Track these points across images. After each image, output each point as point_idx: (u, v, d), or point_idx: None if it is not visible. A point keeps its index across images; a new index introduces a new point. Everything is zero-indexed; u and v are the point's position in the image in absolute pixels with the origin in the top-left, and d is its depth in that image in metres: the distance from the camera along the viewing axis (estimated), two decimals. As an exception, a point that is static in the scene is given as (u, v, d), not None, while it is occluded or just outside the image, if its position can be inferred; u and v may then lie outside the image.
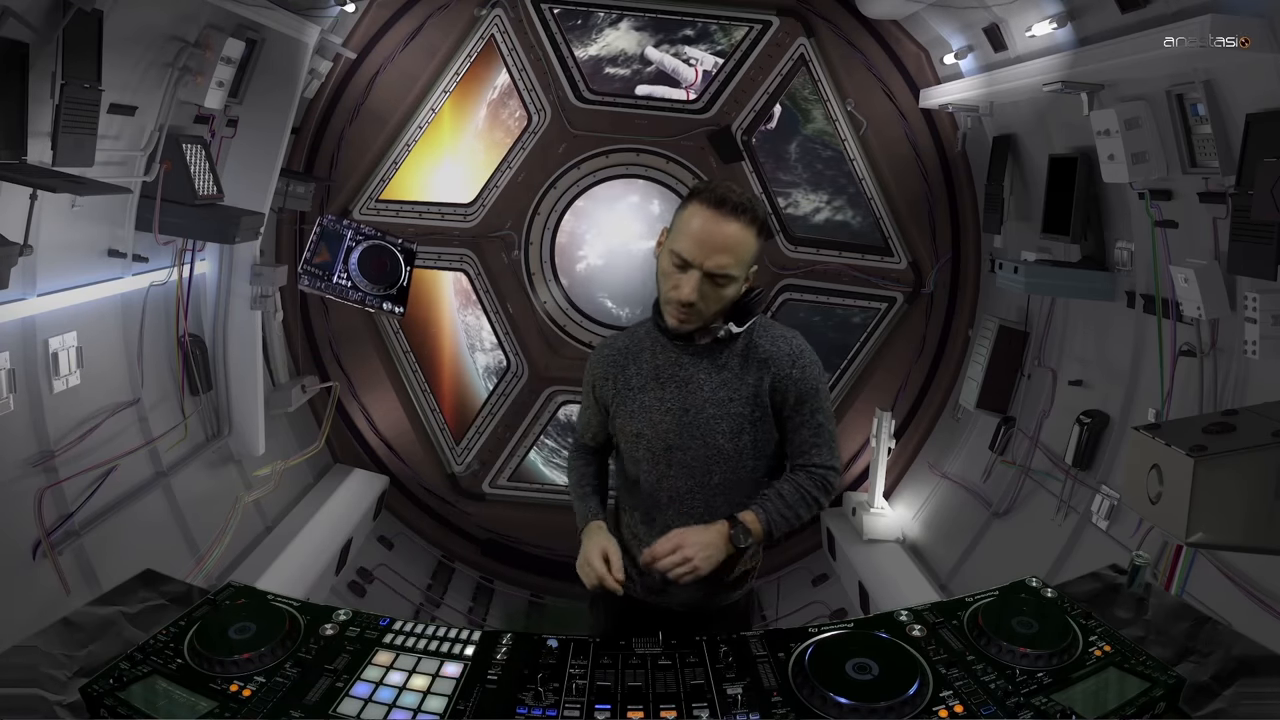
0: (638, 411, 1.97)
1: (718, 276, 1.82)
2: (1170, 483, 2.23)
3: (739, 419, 1.93)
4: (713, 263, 1.81)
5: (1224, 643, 1.42)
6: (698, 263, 1.81)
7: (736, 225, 1.82)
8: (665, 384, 1.96)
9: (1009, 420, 4.68)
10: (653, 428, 1.96)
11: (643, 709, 1.35)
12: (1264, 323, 2.80)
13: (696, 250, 1.80)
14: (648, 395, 1.97)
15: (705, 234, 1.80)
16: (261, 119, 4.25)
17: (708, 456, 1.94)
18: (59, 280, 3.22)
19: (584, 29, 5.54)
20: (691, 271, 1.82)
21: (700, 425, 1.93)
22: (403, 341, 5.76)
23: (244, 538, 4.35)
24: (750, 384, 1.94)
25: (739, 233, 1.82)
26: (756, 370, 1.94)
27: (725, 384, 1.93)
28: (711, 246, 1.80)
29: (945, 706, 1.28)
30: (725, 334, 1.92)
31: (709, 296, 1.84)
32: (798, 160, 5.69)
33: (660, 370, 1.97)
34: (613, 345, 2.08)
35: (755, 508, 1.91)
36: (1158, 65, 3.02)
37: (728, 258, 1.82)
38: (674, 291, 1.84)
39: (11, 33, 2.56)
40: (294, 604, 1.53)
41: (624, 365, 2.02)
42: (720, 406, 1.93)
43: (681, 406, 1.94)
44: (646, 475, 1.99)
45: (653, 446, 1.97)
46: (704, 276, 1.82)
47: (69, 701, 1.32)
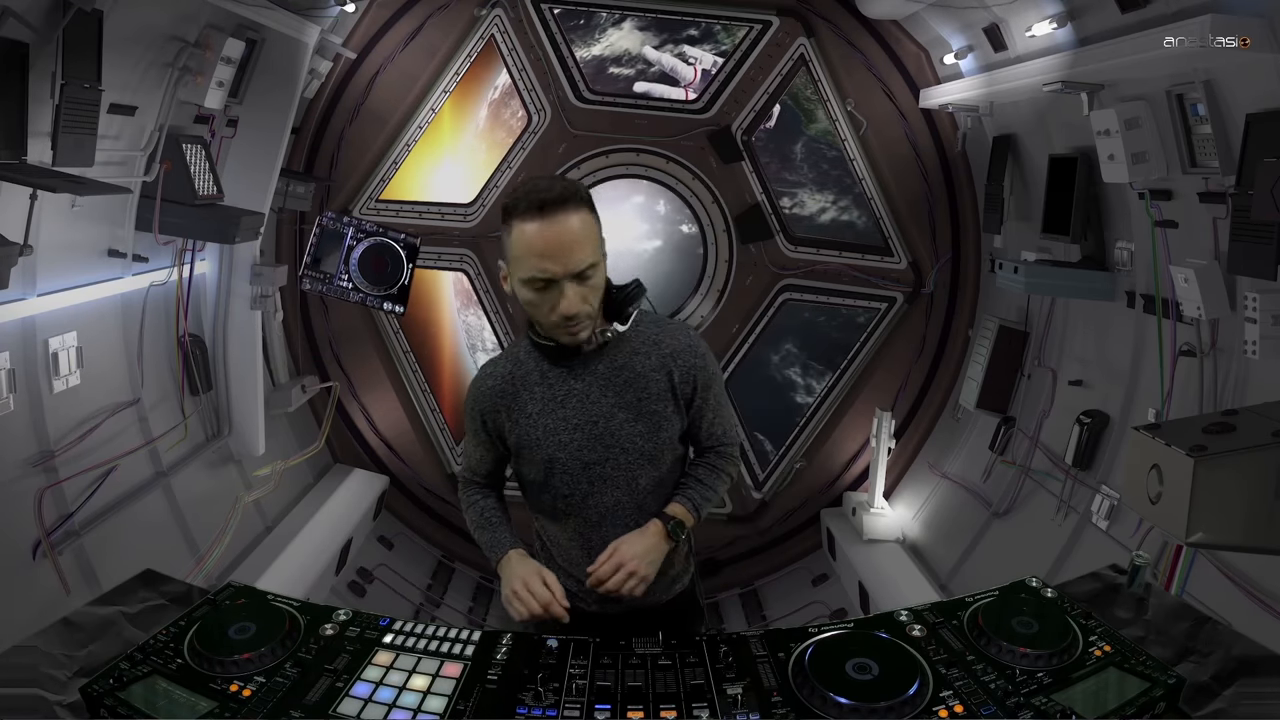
0: (543, 437, 1.85)
1: (584, 273, 1.72)
2: (1170, 483, 2.23)
3: (656, 417, 1.86)
4: (574, 263, 1.69)
5: (1224, 643, 1.42)
6: (562, 273, 1.69)
7: (571, 215, 1.69)
8: (564, 401, 1.85)
9: (1009, 420, 4.68)
10: (564, 449, 1.85)
11: (643, 709, 1.35)
12: (1264, 323, 2.80)
13: (553, 264, 1.68)
14: (550, 418, 1.85)
15: (549, 243, 1.67)
16: (261, 119, 4.25)
17: (629, 463, 1.86)
18: (59, 280, 3.22)
19: (586, 29, 5.54)
20: (560, 284, 1.70)
21: (614, 433, 1.84)
22: (403, 341, 5.76)
23: (244, 538, 4.35)
24: (661, 379, 1.86)
25: (576, 221, 1.70)
26: (663, 365, 1.86)
27: (630, 385, 1.85)
28: (565, 249, 1.68)
29: (945, 706, 1.28)
30: (612, 335, 1.84)
31: (588, 296, 1.75)
32: (803, 160, 5.69)
33: (554, 388, 1.86)
34: (495, 375, 1.92)
35: (680, 499, 1.89)
36: (1158, 65, 3.02)
37: (583, 251, 1.70)
38: (554, 313, 1.73)
39: (11, 33, 2.56)
40: (294, 604, 1.54)
41: (515, 393, 1.88)
42: (632, 409, 1.85)
43: (589, 420, 1.84)
44: (569, 498, 1.89)
45: (569, 468, 1.86)
46: (573, 281, 1.71)
47: (69, 701, 1.32)
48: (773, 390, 5.96)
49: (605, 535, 1.87)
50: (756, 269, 5.70)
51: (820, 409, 5.85)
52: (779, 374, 6.01)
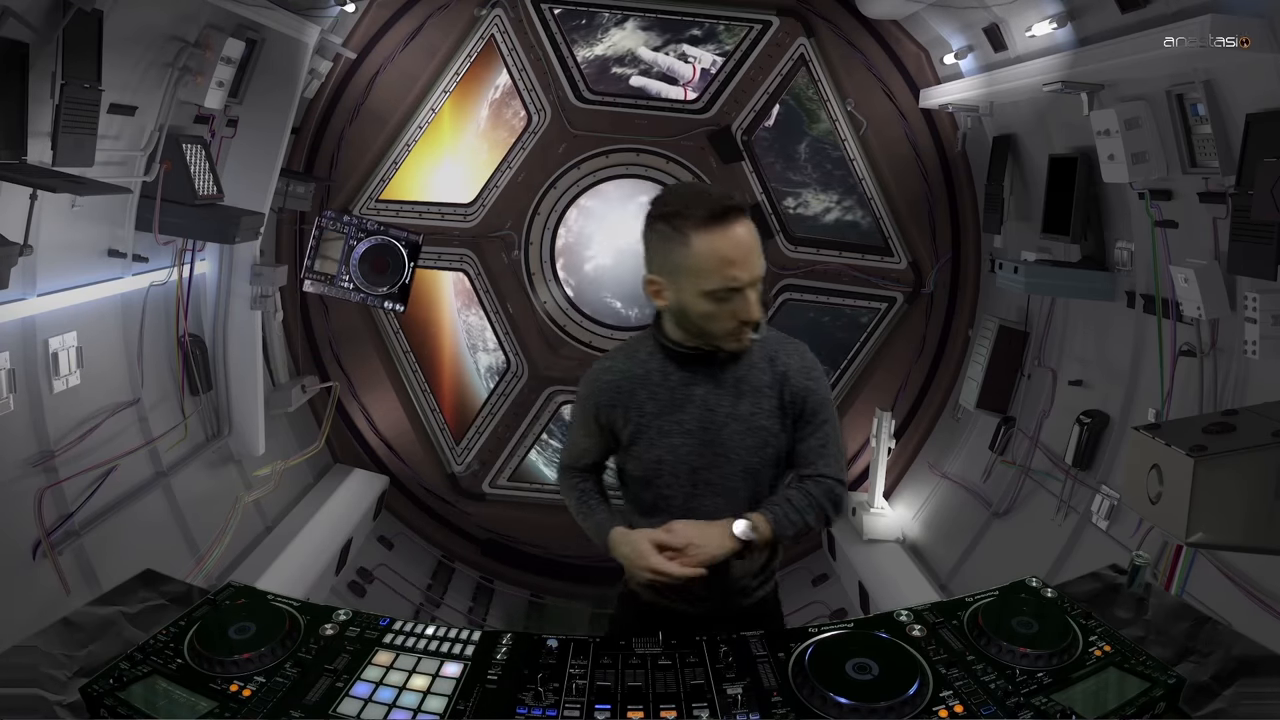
0: (657, 438, 1.88)
1: (759, 281, 1.76)
2: (1170, 483, 2.23)
3: (764, 433, 1.88)
4: (759, 269, 1.74)
5: (1224, 643, 1.42)
6: (751, 279, 1.72)
7: (747, 225, 1.73)
8: (683, 406, 1.87)
9: (1009, 420, 4.68)
10: (674, 453, 1.87)
11: (643, 709, 1.35)
12: (1264, 323, 2.80)
13: (739, 271, 1.70)
14: (665, 420, 1.87)
15: (738, 250, 1.70)
16: (261, 119, 4.25)
17: (733, 473, 1.88)
18: (59, 280, 3.22)
19: (589, 29, 5.54)
20: (743, 292, 1.73)
21: (724, 444, 1.86)
22: (403, 341, 5.77)
23: (244, 538, 4.35)
24: (772, 397, 1.88)
25: (750, 230, 1.74)
26: (776, 382, 1.89)
27: (744, 397, 1.87)
28: (747, 259, 1.72)
29: (945, 706, 1.28)
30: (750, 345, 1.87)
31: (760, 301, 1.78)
32: (807, 160, 5.69)
33: (675, 392, 1.87)
34: (614, 370, 1.94)
35: (763, 509, 1.86)
36: (1158, 65, 3.02)
37: (760, 259, 1.75)
38: (734, 319, 1.75)
39: (11, 33, 2.56)
40: (294, 604, 1.54)
41: (633, 391, 1.90)
42: (743, 422, 1.86)
43: (702, 426, 1.86)
44: (671, 501, 1.90)
45: (677, 471, 1.88)
46: (754, 289, 1.75)
47: (69, 701, 1.32)
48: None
49: None
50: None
51: (820, 409, 5.84)
52: None
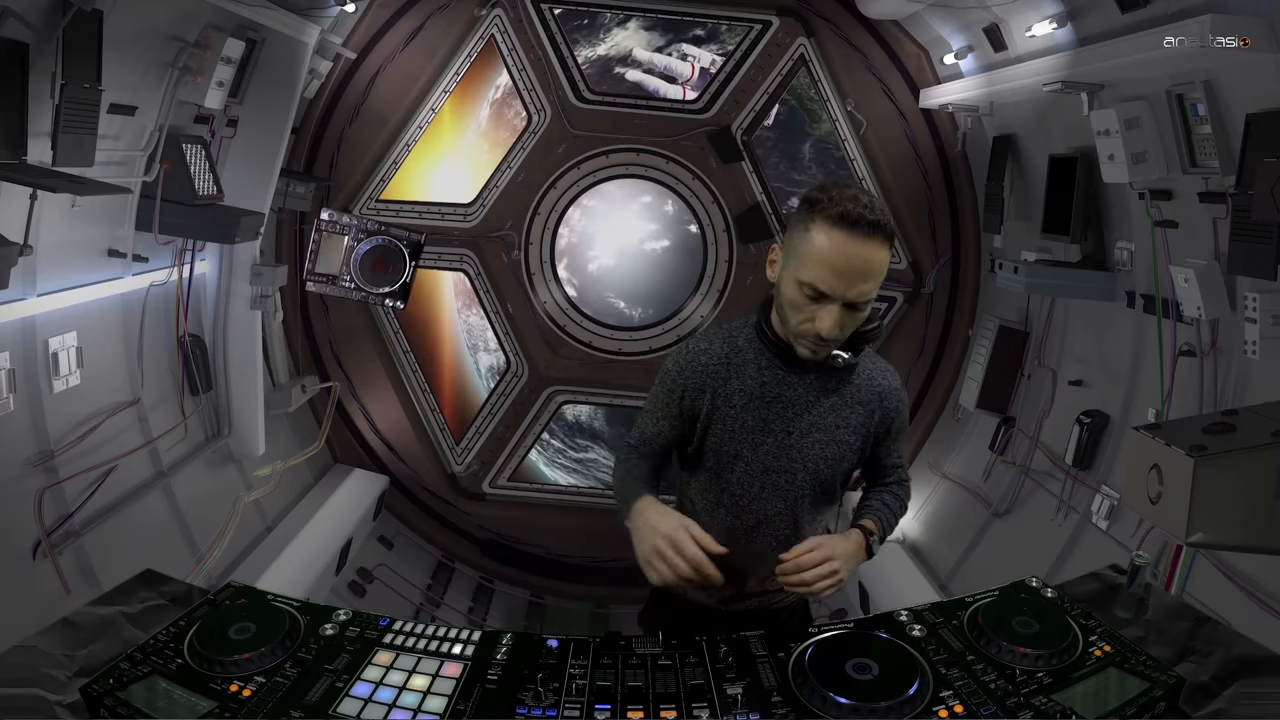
0: (738, 432, 1.82)
1: (859, 304, 1.65)
2: (1170, 483, 2.23)
3: (844, 447, 1.86)
4: (855, 292, 1.62)
5: (1224, 643, 1.42)
6: (839, 295, 1.62)
7: (874, 247, 1.60)
8: (771, 404, 1.81)
9: (1009, 420, 4.68)
10: (753, 449, 1.82)
11: (643, 709, 1.35)
12: (1264, 323, 2.80)
13: (836, 282, 1.60)
14: (750, 414, 1.81)
15: (843, 262, 1.59)
16: (261, 119, 4.24)
17: (805, 482, 1.85)
18: (59, 280, 3.22)
19: (591, 29, 5.54)
20: (830, 304, 1.63)
21: (804, 450, 1.83)
22: (403, 341, 5.76)
23: (244, 538, 4.35)
24: (861, 415, 1.86)
25: (877, 254, 1.61)
26: (869, 402, 1.87)
27: (833, 410, 1.83)
28: (852, 276, 1.60)
29: (945, 706, 1.28)
30: (842, 363, 1.79)
31: (847, 324, 1.68)
32: (812, 160, 5.68)
33: (767, 388, 1.81)
34: (710, 351, 1.85)
35: (871, 516, 1.87)
36: (1158, 65, 3.02)
37: (870, 284, 1.63)
38: (809, 324, 1.67)
39: (11, 33, 2.56)
40: (294, 604, 1.54)
41: (726, 377, 1.82)
42: (827, 433, 1.83)
43: (785, 429, 1.81)
44: (737, 497, 1.87)
45: (750, 468, 1.84)
46: (844, 307, 1.64)
47: (69, 701, 1.32)
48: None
49: (753, 539, 1.88)
50: (757, 269, 5.70)
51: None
52: None
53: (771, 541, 1.87)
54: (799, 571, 1.65)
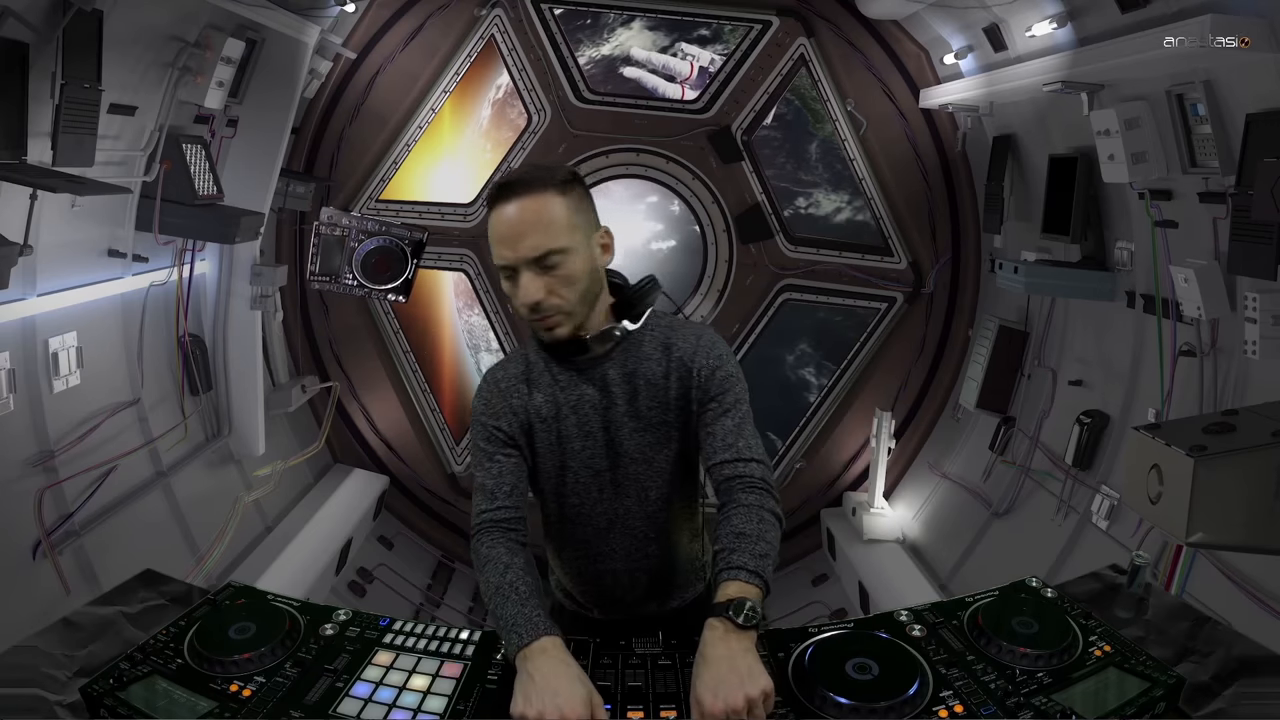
0: (556, 442, 1.73)
1: (544, 259, 1.58)
2: (1170, 483, 2.23)
3: (665, 427, 1.73)
4: (527, 247, 1.57)
5: (1224, 643, 1.42)
6: (515, 260, 1.58)
7: (526, 201, 1.57)
8: (578, 408, 1.72)
9: (1009, 420, 4.68)
10: (576, 457, 1.73)
11: (643, 709, 1.35)
12: (1264, 323, 2.80)
13: (505, 249, 1.59)
14: (564, 424, 1.72)
15: (503, 228, 1.59)
16: (261, 119, 4.25)
17: (639, 473, 1.75)
18: (59, 280, 3.22)
19: (595, 29, 5.54)
20: (521, 271, 1.59)
21: (624, 442, 1.73)
22: (403, 341, 5.77)
23: (244, 538, 4.35)
24: (670, 388, 1.71)
25: (534, 206, 1.57)
26: (672, 370, 1.71)
27: (639, 392, 1.71)
28: (515, 236, 1.57)
29: (945, 706, 1.28)
30: (621, 333, 1.70)
31: (554, 286, 1.60)
32: (818, 160, 5.68)
33: (565, 392, 1.73)
34: (508, 375, 1.77)
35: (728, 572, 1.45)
36: (1158, 65, 3.02)
37: (537, 235, 1.57)
38: (521, 304, 1.63)
39: (11, 33, 2.56)
40: (294, 604, 1.54)
41: (528, 393, 1.74)
42: (639, 418, 1.72)
43: (599, 427, 1.72)
44: (577, 507, 1.78)
45: (580, 477, 1.75)
46: (531, 268, 1.58)
47: (69, 701, 1.33)
48: (785, 389, 5.96)
49: (613, 545, 1.81)
50: (756, 269, 5.70)
51: (820, 409, 5.85)
52: (793, 374, 6.00)
53: (629, 539, 1.79)
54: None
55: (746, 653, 1.34)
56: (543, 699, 1.28)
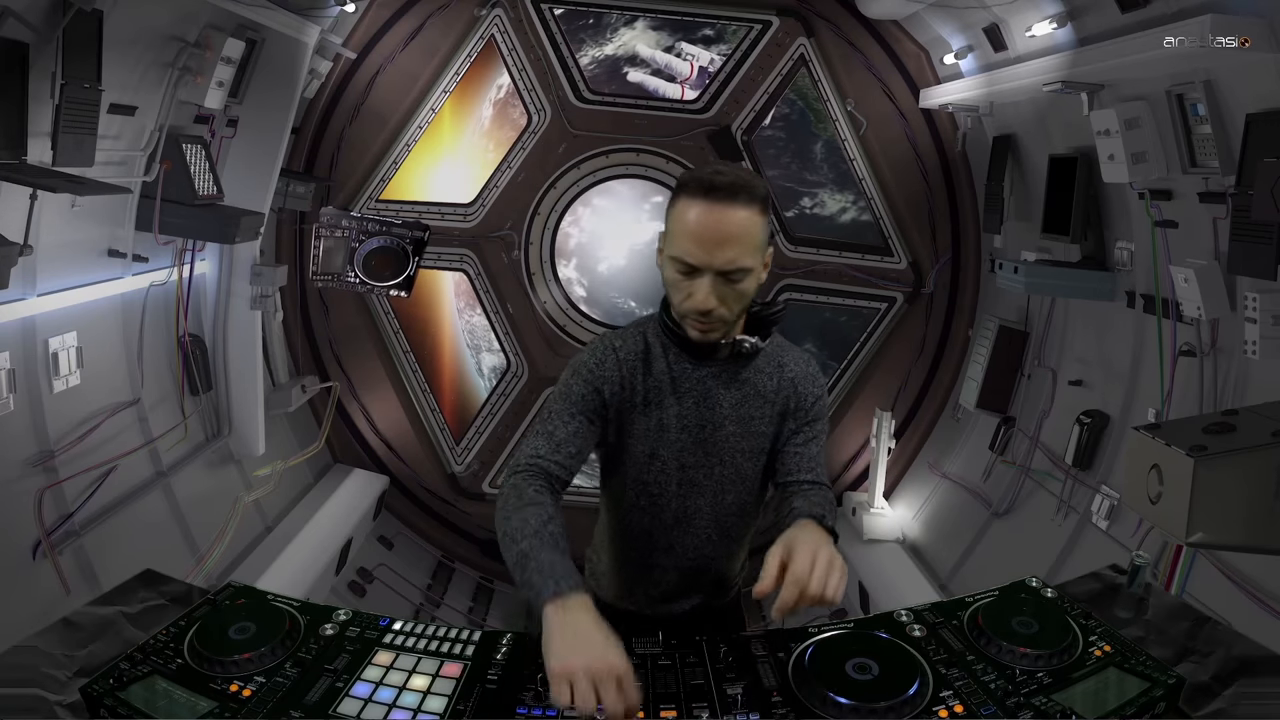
0: (653, 429, 1.75)
1: (732, 273, 1.59)
2: (1170, 483, 2.23)
3: (762, 438, 1.80)
4: (722, 259, 1.57)
5: (1224, 643, 1.42)
6: (705, 264, 1.58)
7: (736, 210, 1.57)
8: (683, 398, 1.75)
9: (1009, 420, 4.68)
10: (668, 446, 1.76)
11: (643, 709, 1.35)
12: (1264, 323, 2.80)
13: (700, 251, 1.58)
14: (665, 411, 1.75)
15: (705, 230, 1.57)
16: (261, 119, 4.25)
17: (724, 476, 1.80)
18: (59, 280, 3.22)
19: (598, 29, 5.54)
20: (701, 276, 1.60)
21: (720, 444, 1.77)
22: (403, 341, 5.77)
23: (244, 538, 4.35)
24: (775, 404, 1.79)
25: (742, 218, 1.57)
26: (783, 389, 1.80)
27: (747, 400, 1.77)
28: (715, 242, 1.57)
29: (945, 706, 1.28)
30: (750, 348, 1.74)
31: (728, 297, 1.62)
32: (823, 160, 5.67)
33: (678, 383, 1.75)
34: (624, 347, 1.77)
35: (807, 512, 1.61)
36: (1158, 65, 3.02)
37: (735, 249, 1.57)
38: (688, 301, 1.63)
39: (11, 33, 2.56)
40: (294, 604, 1.54)
41: (642, 372, 1.76)
42: (743, 424, 1.78)
43: (699, 423, 1.76)
44: (654, 495, 1.80)
45: (666, 466, 1.78)
46: (716, 277, 1.59)
47: (69, 701, 1.32)
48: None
49: (675, 539, 1.84)
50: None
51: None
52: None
53: (694, 540, 1.84)
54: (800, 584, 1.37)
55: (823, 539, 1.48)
56: (588, 653, 1.27)
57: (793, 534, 1.48)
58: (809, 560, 1.39)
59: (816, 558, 1.40)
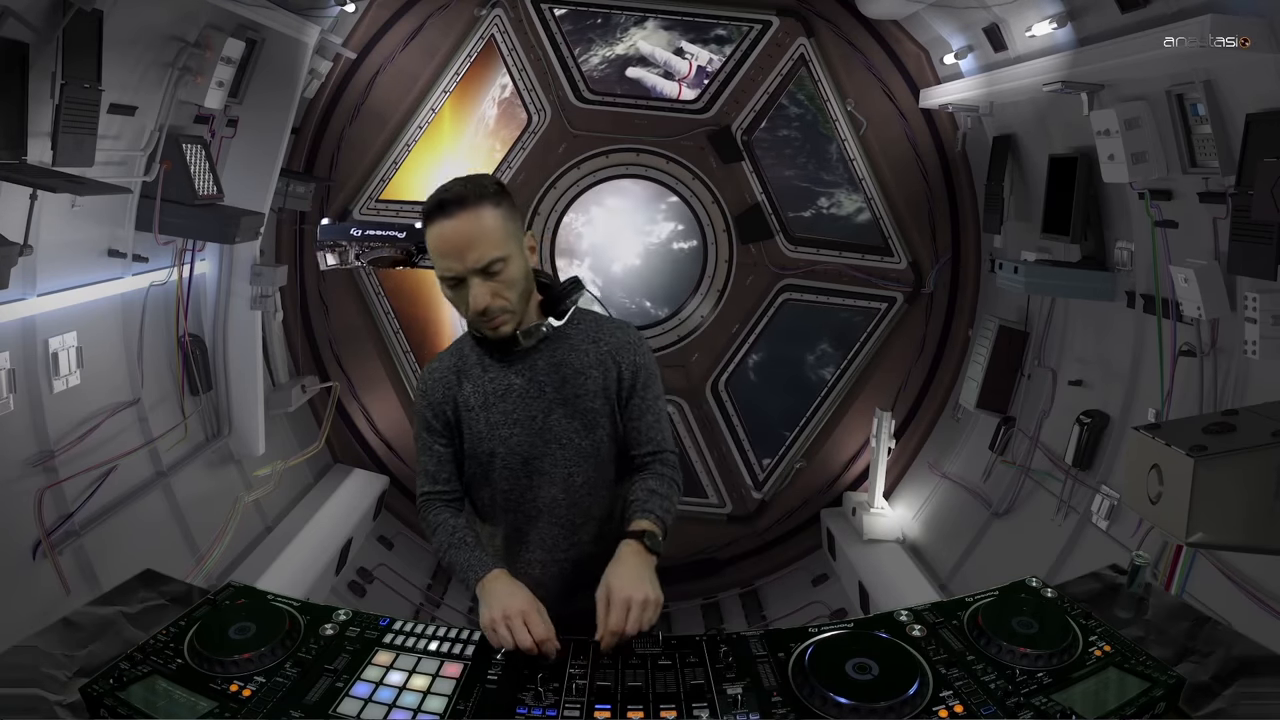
0: (485, 431, 1.85)
1: (488, 267, 1.71)
2: (1170, 483, 2.23)
3: (592, 414, 1.85)
4: (473, 259, 1.69)
5: (1224, 643, 1.42)
6: (462, 271, 1.71)
7: (466, 215, 1.69)
8: (505, 396, 1.85)
9: (1009, 420, 4.68)
10: (504, 444, 1.84)
11: (643, 709, 1.35)
12: (1264, 323, 2.80)
13: (453, 261, 1.70)
14: (491, 412, 1.84)
15: (446, 243, 1.70)
16: (261, 119, 4.25)
17: (566, 459, 1.85)
18: (59, 280, 3.22)
19: (607, 28, 5.54)
20: (466, 282, 1.72)
21: (552, 429, 1.84)
22: (403, 342, 5.77)
23: (244, 538, 4.35)
24: (596, 377, 1.86)
25: (472, 220, 1.70)
26: (602, 362, 1.87)
27: (567, 381, 1.85)
28: (459, 249, 1.70)
29: (945, 706, 1.28)
30: (547, 329, 1.84)
31: (500, 291, 1.74)
32: (838, 161, 5.67)
33: (495, 382, 1.85)
34: (440, 368, 1.91)
35: (640, 514, 1.75)
36: (1158, 65, 3.02)
37: (481, 247, 1.70)
38: (470, 309, 1.75)
39: (11, 33, 2.56)
40: (294, 604, 1.54)
41: (459, 384, 1.88)
42: (568, 405, 1.84)
43: (527, 415, 1.84)
44: (507, 493, 1.88)
45: (509, 463, 1.85)
46: (478, 276, 1.71)
47: (69, 701, 1.32)
48: (786, 388, 5.96)
49: (540, 532, 1.88)
50: (756, 269, 5.70)
51: (820, 409, 5.85)
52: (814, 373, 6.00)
53: (557, 527, 1.88)
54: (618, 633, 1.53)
55: (649, 568, 1.66)
56: (501, 603, 1.58)
57: (610, 575, 1.63)
58: (622, 612, 1.54)
59: (630, 605, 1.55)
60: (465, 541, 1.80)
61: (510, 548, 1.93)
